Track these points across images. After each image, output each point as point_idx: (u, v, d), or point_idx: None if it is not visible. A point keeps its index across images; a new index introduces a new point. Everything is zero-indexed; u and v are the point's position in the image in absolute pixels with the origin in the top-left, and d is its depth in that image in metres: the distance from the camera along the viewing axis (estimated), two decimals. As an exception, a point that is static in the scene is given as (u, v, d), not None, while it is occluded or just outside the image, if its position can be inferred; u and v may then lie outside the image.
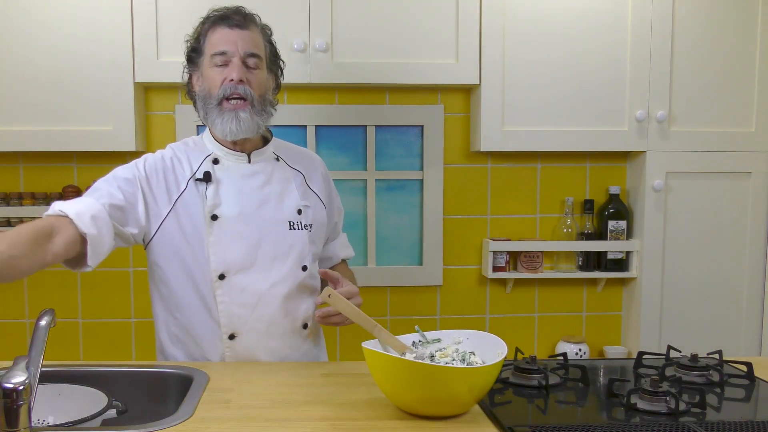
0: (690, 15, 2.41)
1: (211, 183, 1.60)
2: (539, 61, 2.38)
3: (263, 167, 1.66)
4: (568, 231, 2.56)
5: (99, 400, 1.34)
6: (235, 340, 1.61)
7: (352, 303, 1.44)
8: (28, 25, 2.25)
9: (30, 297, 2.51)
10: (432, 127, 2.54)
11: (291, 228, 1.64)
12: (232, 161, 1.64)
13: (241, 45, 1.57)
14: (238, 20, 1.57)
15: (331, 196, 1.81)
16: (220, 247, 1.58)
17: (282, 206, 1.65)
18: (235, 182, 1.62)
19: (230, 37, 1.56)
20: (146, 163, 1.62)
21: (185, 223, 1.59)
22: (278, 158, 1.71)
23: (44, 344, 1.20)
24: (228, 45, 1.56)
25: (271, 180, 1.66)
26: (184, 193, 1.60)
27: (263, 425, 1.23)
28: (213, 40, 1.58)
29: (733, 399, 1.42)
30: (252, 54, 1.58)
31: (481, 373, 1.23)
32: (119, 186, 1.57)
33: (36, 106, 2.27)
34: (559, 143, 2.41)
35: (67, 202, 1.47)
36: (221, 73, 1.57)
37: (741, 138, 2.46)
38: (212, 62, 1.58)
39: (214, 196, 1.59)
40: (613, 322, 2.67)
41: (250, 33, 1.59)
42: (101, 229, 1.46)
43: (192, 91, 1.67)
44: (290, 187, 1.68)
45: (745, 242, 2.50)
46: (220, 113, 1.57)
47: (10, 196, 2.41)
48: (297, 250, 1.65)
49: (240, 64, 1.56)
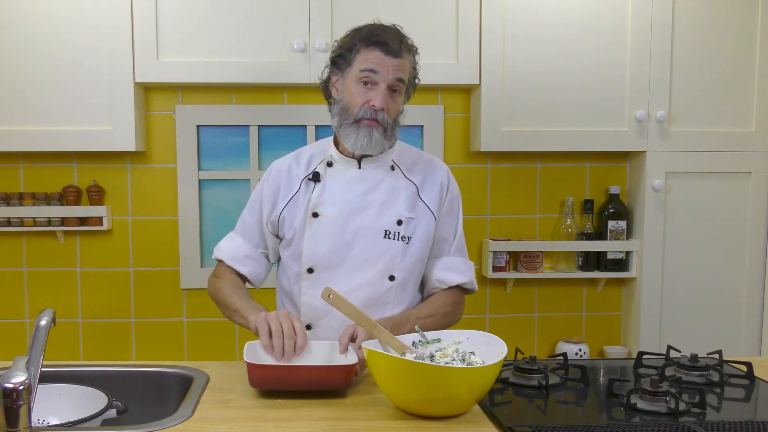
0: (690, 15, 2.41)
1: (319, 183, 1.69)
2: (539, 61, 2.38)
3: (373, 174, 1.70)
4: (568, 231, 2.56)
5: (99, 400, 1.34)
6: (311, 331, 1.69)
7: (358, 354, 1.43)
8: (28, 25, 2.25)
9: (30, 297, 2.51)
10: (432, 127, 2.54)
11: (386, 236, 1.66)
12: (343, 165, 1.71)
13: (392, 72, 1.61)
14: (394, 48, 1.61)
15: (450, 209, 1.76)
16: (313, 242, 1.67)
17: (383, 214, 1.67)
18: (340, 185, 1.69)
19: (383, 61, 1.60)
20: (269, 177, 1.76)
21: (295, 217, 1.70)
22: (394, 167, 1.72)
23: (44, 344, 1.20)
24: (380, 68, 1.60)
25: (378, 188, 1.68)
26: (297, 192, 1.71)
27: (263, 425, 1.23)
28: (366, 59, 1.61)
29: (733, 399, 1.42)
30: (399, 79, 1.62)
31: (481, 373, 1.23)
32: (251, 212, 1.77)
33: (36, 106, 2.27)
34: (559, 143, 2.41)
35: (225, 246, 1.78)
36: (365, 94, 1.61)
37: (741, 138, 2.46)
38: (359, 77, 1.61)
39: (319, 195, 1.68)
40: (613, 322, 2.67)
41: (401, 60, 1.62)
42: (252, 265, 1.76)
43: (328, 91, 1.72)
44: (398, 197, 1.69)
45: (745, 242, 2.50)
46: (356, 129, 1.62)
47: (10, 196, 2.41)
48: (387, 259, 1.66)
49: (385, 90, 1.61)
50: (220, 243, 1.79)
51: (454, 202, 1.77)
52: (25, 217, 2.40)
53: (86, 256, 2.50)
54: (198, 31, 2.28)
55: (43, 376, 1.26)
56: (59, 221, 2.42)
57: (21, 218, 2.40)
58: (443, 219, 1.74)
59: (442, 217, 1.73)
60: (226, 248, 1.76)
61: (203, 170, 2.50)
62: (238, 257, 1.74)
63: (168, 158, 2.50)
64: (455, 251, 1.76)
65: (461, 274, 1.74)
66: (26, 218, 2.41)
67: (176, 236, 2.50)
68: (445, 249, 1.75)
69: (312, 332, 1.69)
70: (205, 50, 2.29)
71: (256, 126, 2.49)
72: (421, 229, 1.69)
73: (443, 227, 1.74)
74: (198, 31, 2.28)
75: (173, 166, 2.50)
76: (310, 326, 1.69)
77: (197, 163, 2.49)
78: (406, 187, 1.70)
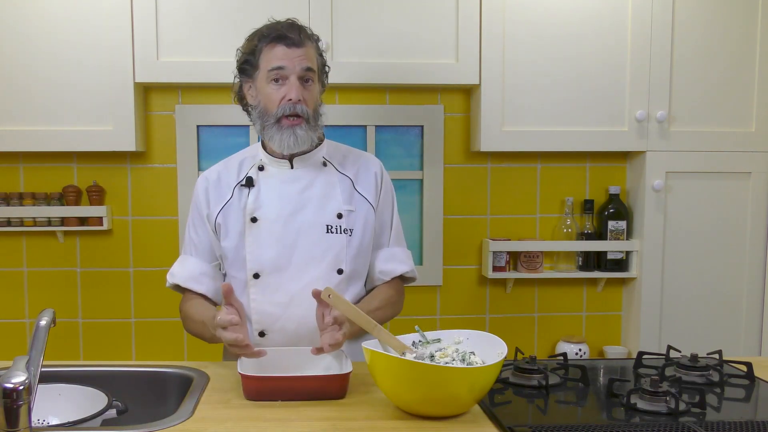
0: (690, 15, 2.41)
1: (253, 188, 1.68)
2: (539, 61, 2.38)
3: (306, 172, 1.70)
4: (568, 231, 2.56)
5: (99, 400, 1.34)
6: (265, 337, 1.67)
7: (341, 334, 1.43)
8: (28, 25, 2.25)
9: (30, 297, 2.51)
10: (432, 127, 2.54)
11: (328, 231, 1.66)
12: (275, 167, 1.71)
13: (298, 62, 1.62)
14: (294, 39, 1.62)
15: (385, 200, 1.77)
16: (256, 247, 1.65)
17: (322, 210, 1.67)
18: (275, 187, 1.69)
19: (287, 54, 1.61)
20: (198, 189, 1.75)
21: (230, 225, 1.68)
22: (326, 163, 1.73)
23: (44, 344, 1.20)
24: (285, 62, 1.61)
25: (313, 184, 1.69)
26: (231, 199, 1.70)
27: (263, 425, 1.23)
28: (270, 56, 1.62)
29: (733, 399, 1.42)
30: (308, 68, 1.63)
31: (481, 373, 1.23)
32: (194, 228, 1.74)
33: (36, 106, 2.27)
34: (559, 143, 2.41)
35: (177, 270, 1.74)
36: (278, 90, 1.62)
37: (741, 138, 2.46)
38: (269, 77, 1.62)
39: (254, 200, 1.67)
40: (613, 322, 2.67)
41: (305, 50, 1.63)
42: (208, 282, 1.73)
43: (244, 100, 1.73)
44: (334, 192, 1.70)
45: (745, 242, 2.50)
46: (278, 130, 1.63)
47: (10, 196, 2.41)
48: (333, 254, 1.66)
49: (297, 82, 1.62)
50: (172, 268, 1.75)
51: (389, 193, 1.79)
52: (25, 217, 2.40)
53: (86, 256, 2.50)
54: (198, 31, 2.28)
55: (43, 376, 1.26)
56: (59, 221, 2.42)
57: (21, 218, 2.40)
58: (380, 210, 1.75)
59: (379, 208, 1.74)
60: (179, 272, 1.73)
61: (203, 170, 2.49)
62: (194, 276, 1.71)
63: (168, 158, 2.50)
64: (394, 242, 1.79)
65: (403, 263, 1.77)
66: (26, 218, 2.41)
67: (176, 236, 2.50)
68: (384, 240, 1.78)
69: (266, 338, 1.67)
70: (205, 50, 2.29)
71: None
72: (361, 221, 1.70)
73: (381, 218, 1.76)
74: (198, 31, 2.28)
75: (173, 166, 2.50)
76: (264, 333, 1.67)
77: (197, 163, 2.49)
78: (340, 180, 1.72)
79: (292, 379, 1.37)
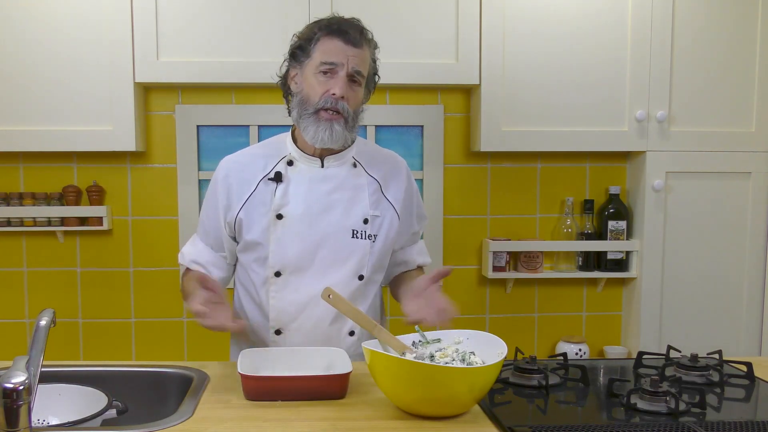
0: (690, 15, 2.41)
1: (282, 183, 1.64)
2: (539, 61, 2.38)
3: (336, 173, 1.67)
4: (568, 231, 2.56)
5: (99, 400, 1.34)
6: (281, 335, 1.66)
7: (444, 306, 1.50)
8: (28, 25, 2.25)
9: (30, 297, 2.51)
10: (432, 127, 2.54)
11: (353, 236, 1.65)
12: (305, 164, 1.67)
13: (352, 61, 1.59)
14: (353, 37, 1.59)
15: (411, 204, 1.77)
16: (280, 245, 1.63)
17: (349, 213, 1.65)
18: (304, 185, 1.65)
19: (343, 50, 1.58)
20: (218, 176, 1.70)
21: (254, 221, 1.64)
22: (356, 164, 1.70)
23: (44, 344, 1.20)
24: (339, 58, 1.58)
25: (343, 186, 1.66)
26: (254, 192, 1.65)
27: (263, 425, 1.23)
28: (325, 48, 1.59)
29: (733, 399, 1.42)
30: (358, 71, 1.61)
31: (481, 373, 1.23)
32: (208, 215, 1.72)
33: (36, 106, 2.27)
34: (559, 143, 2.41)
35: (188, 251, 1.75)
36: (325, 83, 1.59)
37: (741, 138, 2.46)
38: (319, 69, 1.59)
39: (282, 196, 1.64)
40: (613, 322, 2.67)
41: (361, 51, 1.61)
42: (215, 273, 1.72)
43: (287, 86, 1.69)
44: (362, 195, 1.68)
45: (745, 242, 2.50)
46: (315, 121, 1.59)
47: (10, 196, 2.41)
48: (356, 259, 1.65)
49: (345, 79, 1.59)
50: (184, 248, 1.76)
51: (413, 196, 1.80)
52: (25, 217, 2.40)
53: (86, 256, 2.50)
54: (198, 31, 2.28)
55: (43, 376, 1.26)
56: (59, 221, 2.42)
57: (21, 218, 2.40)
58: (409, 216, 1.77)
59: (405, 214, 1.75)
60: (189, 253, 1.74)
61: (203, 170, 2.50)
62: (201, 263, 1.71)
63: (168, 158, 2.50)
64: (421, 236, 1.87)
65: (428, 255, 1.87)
66: (26, 218, 2.41)
67: (176, 236, 2.50)
68: (417, 237, 1.84)
69: (282, 337, 1.66)
70: (205, 50, 2.29)
71: (256, 126, 2.49)
72: (385, 227, 1.70)
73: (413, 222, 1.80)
74: (198, 31, 2.28)
75: (173, 166, 2.50)
76: (280, 331, 1.66)
77: (197, 163, 2.49)
78: (369, 184, 1.69)
79: (292, 379, 1.37)
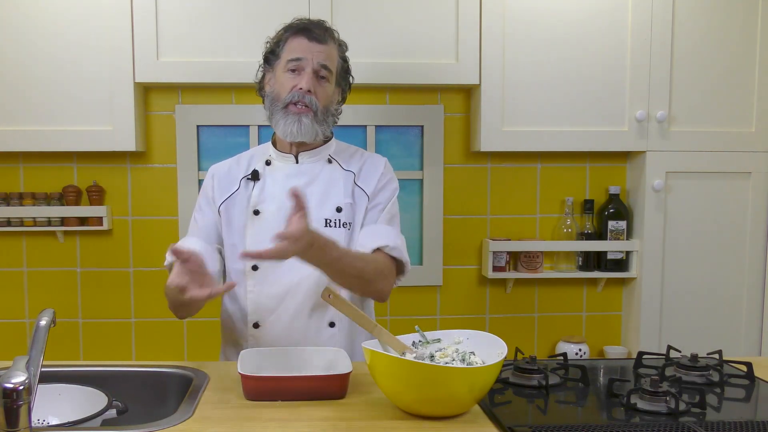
0: (690, 15, 2.41)
1: (259, 181, 1.73)
2: (539, 61, 2.38)
3: (310, 168, 1.73)
4: (568, 231, 2.56)
5: (99, 400, 1.34)
6: (260, 329, 1.69)
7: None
8: (28, 25, 2.25)
9: (30, 297, 2.51)
10: (432, 127, 2.54)
11: (327, 225, 1.68)
12: (281, 162, 1.75)
13: (316, 56, 1.66)
14: (318, 34, 1.67)
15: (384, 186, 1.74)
16: (256, 239, 1.67)
17: (323, 205, 1.69)
18: (279, 181, 1.72)
19: (308, 47, 1.66)
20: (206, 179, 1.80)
21: (233, 216, 1.73)
22: (331, 161, 1.76)
23: (44, 344, 1.20)
24: (304, 54, 1.66)
25: (317, 180, 1.72)
26: (237, 191, 1.74)
27: (263, 425, 1.23)
28: (291, 47, 1.68)
29: (733, 399, 1.42)
30: (324, 66, 1.67)
31: (481, 373, 1.23)
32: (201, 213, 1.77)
33: (36, 106, 2.27)
34: (559, 143, 2.41)
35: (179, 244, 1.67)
36: (293, 79, 1.66)
37: (741, 138, 2.46)
38: (286, 67, 1.67)
39: (259, 194, 1.71)
40: (613, 322, 2.67)
41: (326, 47, 1.68)
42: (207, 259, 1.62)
43: (263, 90, 1.77)
44: (336, 187, 1.72)
45: (745, 242, 2.50)
46: (284, 115, 1.66)
47: (10, 196, 2.41)
48: None
49: (311, 74, 1.66)
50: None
51: (390, 183, 1.75)
52: (25, 217, 2.40)
53: (86, 256, 2.50)
54: (198, 31, 2.28)
55: (43, 376, 1.26)
56: (59, 221, 2.42)
57: (21, 218, 2.40)
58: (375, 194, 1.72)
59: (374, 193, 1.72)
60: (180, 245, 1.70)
61: (203, 170, 2.49)
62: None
63: (168, 158, 2.50)
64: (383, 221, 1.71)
65: (383, 238, 1.67)
66: (26, 218, 2.41)
67: (176, 236, 2.50)
68: (373, 217, 1.71)
69: (260, 330, 1.70)
70: (205, 50, 2.29)
71: (256, 126, 2.49)
72: (360, 214, 1.72)
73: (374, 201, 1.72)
74: (198, 31, 2.28)
75: (173, 166, 2.50)
76: (258, 324, 1.70)
77: (197, 163, 2.49)
78: (344, 177, 1.74)
79: (292, 379, 1.37)
